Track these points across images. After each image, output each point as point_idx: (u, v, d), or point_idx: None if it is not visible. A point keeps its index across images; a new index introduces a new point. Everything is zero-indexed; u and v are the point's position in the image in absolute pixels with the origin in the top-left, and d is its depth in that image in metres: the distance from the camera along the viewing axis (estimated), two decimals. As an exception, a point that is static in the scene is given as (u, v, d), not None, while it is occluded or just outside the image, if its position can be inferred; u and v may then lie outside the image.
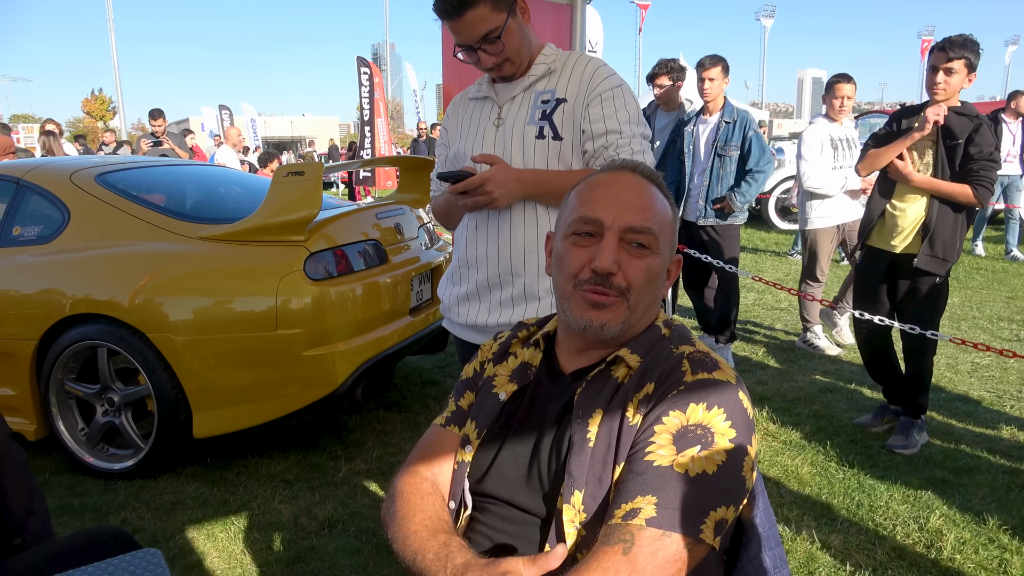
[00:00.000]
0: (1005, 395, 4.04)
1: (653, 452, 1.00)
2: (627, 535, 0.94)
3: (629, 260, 1.11)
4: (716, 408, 1.02)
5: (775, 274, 7.86)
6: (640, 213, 1.12)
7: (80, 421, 3.28)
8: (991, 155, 3.08)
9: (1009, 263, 8.23)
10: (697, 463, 0.98)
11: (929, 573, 2.39)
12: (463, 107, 2.00)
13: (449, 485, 1.21)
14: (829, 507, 2.82)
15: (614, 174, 1.19)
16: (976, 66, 3.11)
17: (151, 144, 8.30)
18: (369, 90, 17.73)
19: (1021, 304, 6.27)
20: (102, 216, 3.26)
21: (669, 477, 0.97)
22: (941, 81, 3.12)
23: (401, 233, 3.67)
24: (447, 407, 1.32)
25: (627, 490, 0.99)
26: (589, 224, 1.13)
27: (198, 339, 2.96)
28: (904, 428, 3.38)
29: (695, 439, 1.00)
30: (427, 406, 3.98)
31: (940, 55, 3.11)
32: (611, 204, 1.13)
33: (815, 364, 4.65)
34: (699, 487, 0.98)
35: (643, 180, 1.17)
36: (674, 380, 1.06)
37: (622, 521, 0.96)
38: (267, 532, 2.69)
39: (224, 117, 26.11)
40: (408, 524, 1.10)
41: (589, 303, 1.12)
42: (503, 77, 1.86)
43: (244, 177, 4.44)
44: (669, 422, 1.02)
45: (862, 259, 3.53)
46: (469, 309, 1.95)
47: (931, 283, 3.24)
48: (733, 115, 4.50)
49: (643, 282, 1.12)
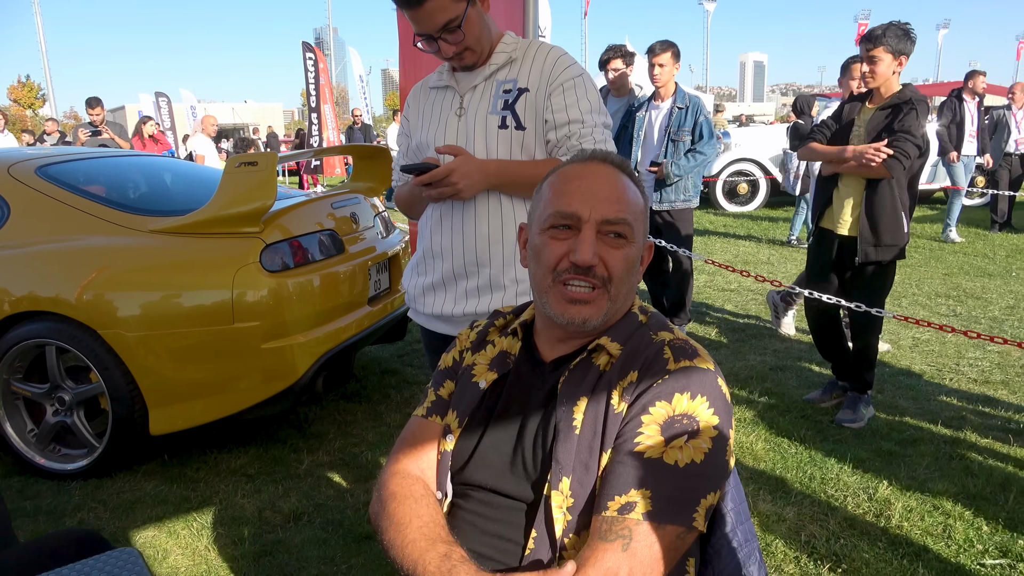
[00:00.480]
0: (944, 368, 4.23)
1: (642, 442, 1.03)
2: (625, 530, 0.97)
3: (608, 251, 1.14)
4: (700, 396, 1.05)
5: (724, 256, 8.03)
6: (615, 205, 1.14)
7: (29, 422, 3.18)
8: (908, 130, 3.18)
9: (944, 242, 8.56)
10: (686, 453, 1.02)
11: (879, 541, 2.50)
12: (424, 96, 1.99)
13: (435, 476, 1.22)
14: (783, 481, 2.92)
15: (586, 166, 1.20)
16: (903, 51, 3.21)
17: (89, 134, 7.99)
18: (315, 76, 17.43)
19: (957, 280, 6.54)
20: (45, 210, 3.15)
21: (661, 469, 1.00)
22: (869, 70, 3.27)
23: (357, 222, 3.65)
24: (426, 397, 1.32)
25: (619, 481, 1.01)
26: (566, 218, 1.15)
27: (153, 334, 2.90)
28: (852, 403, 3.51)
29: (682, 429, 1.03)
30: (387, 395, 3.97)
31: (863, 46, 3.26)
32: (586, 197, 1.14)
33: (766, 344, 4.79)
34: (689, 477, 1.01)
35: (615, 171, 1.19)
36: (657, 368, 1.08)
37: (618, 515, 0.98)
38: (231, 527, 2.66)
39: (162, 104, 25.35)
40: (405, 531, 1.10)
41: (568, 299, 1.14)
42: (464, 67, 1.86)
43: (193, 168, 4.34)
44: (656, 412, 1.04)
45: (813, 239, 3.66)
46: (435, 299, 1.95)
47: (877, 265, 3.37)
48: (685, 101, 4.57)
49: (623, 271, 1.15)
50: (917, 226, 9.71)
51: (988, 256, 7.68)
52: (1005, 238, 8.68)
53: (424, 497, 1.16)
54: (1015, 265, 7.17)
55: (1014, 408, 3.62)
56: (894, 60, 3.22)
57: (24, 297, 3.00)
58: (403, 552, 1.07)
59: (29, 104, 48.97)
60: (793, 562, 2.38)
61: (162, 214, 3.16)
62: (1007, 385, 3.94)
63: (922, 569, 2.33)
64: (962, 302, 5.76)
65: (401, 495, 1.16)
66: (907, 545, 2.46)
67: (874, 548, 2.45)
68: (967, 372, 4.15)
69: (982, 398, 3.77)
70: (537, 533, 1.06)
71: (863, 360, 3.51)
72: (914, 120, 3.19)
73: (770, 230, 9.75)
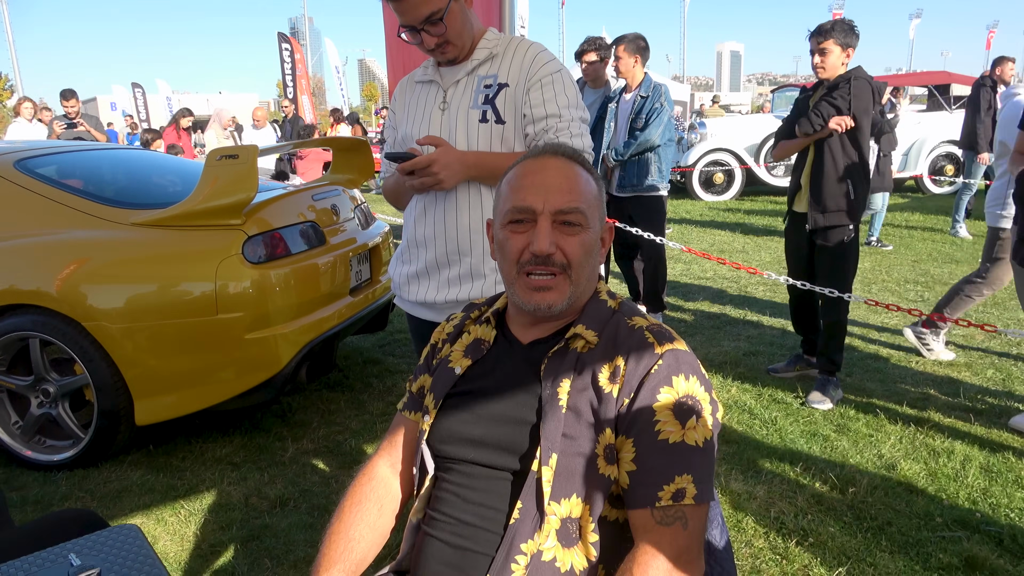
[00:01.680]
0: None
1: (663, 430, 1.11)
2: (680, 513, 1.09)
3: (564, 239, 1.21)
4: (692, 377, 1.15)
5: (700, 244, 8.15)
6: (567, 195, 1.22)
7: (14, 414, 3.20)
8: (831, 96, 3.43)
9: (914, 230, 8.74)
10: (699, 432, 1.12)
11: (844, 516, 2.61)
12: (409, 90, 2.06)
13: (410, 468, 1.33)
14: (754, 461, 3.03)
15: (538, 160, 1.27)
16: (849, 43, 3.45)
17: (65, 126, 7.91)
18: (291, 67, 17.31)
19: (925, 267, 6.71)
20: (25, 204, 3.16)
21: (691, 453, 1.11)
22: (818, 61, 3.50)
23: (337, 214, 3.69)
24: (406, 392, 1.41)
25: (662, 473, 1.10)
26: (523, 212, 1.22)
27: (137, 326, 2.94)
28: (821, 385, 3.63)
29: (689, 410, 1.12)
30: (370, 384, 4.03)
31: (813, 40, 3.50)
32: (540, 190, 1.22)
33: (739, 330, 4.90)
34: (708, 454, 1.12)
35: (566, 162, 1.26)
36: (645, 353, 1.16)
37: (672, 503, 1.09)
38: (218, 514, 2.72)
39: (137, 95, 25.03)
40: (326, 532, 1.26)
41: (533, 288, 1.22)
42: (447, 60, 1.93)
43: (172, 161, 4.36)
44: (664, 399, 1.13)
45: (787, 223, 3.86)
46: (419, 287, 2.03)
47: (837, 241, 3.55)
48: (648, 90, 4.65)
49: (581, 255, 1.22)
50: (888, 214, 9.89)
51: (956, 243, 7.86)
52: (973, 225, 8.88)
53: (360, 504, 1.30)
54: (982, 252, 7.35)
55: (976, 389, 3.76)
56: (842, 52, 3.45)
57: (6, 290, 3.02)
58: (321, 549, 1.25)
59: (-4, 96, 48.02)
60: (763, 537, 2.48)
61: (144, 207, 3.18)
62: (970, 367, 4.08)
63: (885, 541, 2.45)
64: (930, 288, 5.91)
65: (350, 493, 1.32)
66: (871, 519, 2.58)
67: (840, 522, 2.56)
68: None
69: (947, 380, 3.91)
70: (523, 504, 1.13)
71: (832, 339, 3.66)
72: (843, 91, 3.42)
73: (745, 219, 9.89)
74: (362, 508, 1.29)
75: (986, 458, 3.00)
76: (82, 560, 1.12)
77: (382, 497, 1.32)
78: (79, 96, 8.41)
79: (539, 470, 1.13)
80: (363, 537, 1.26)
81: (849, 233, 3.53)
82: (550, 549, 1.12)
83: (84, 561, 1.11)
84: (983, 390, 3.75)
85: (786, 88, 14.25)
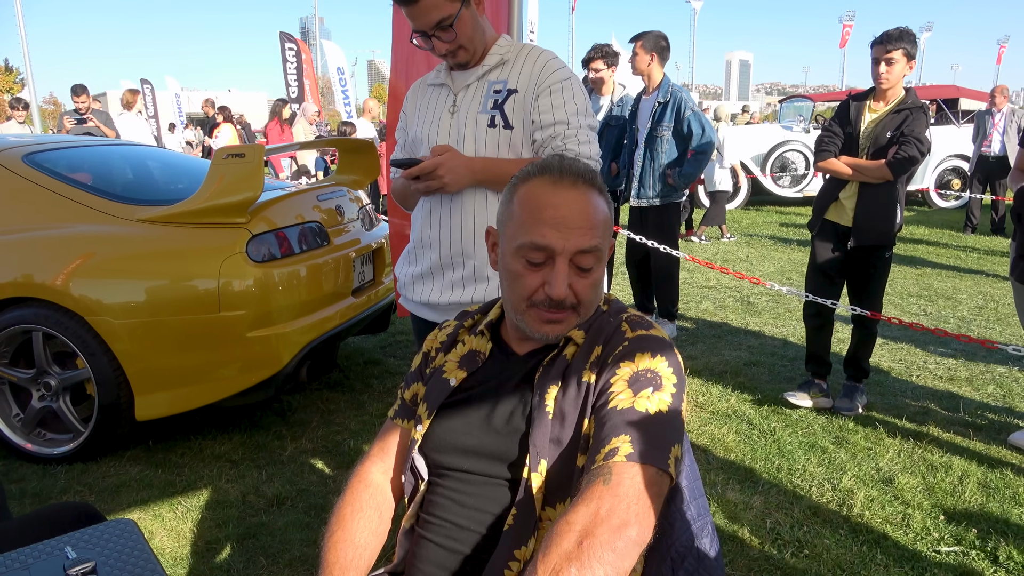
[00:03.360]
0: (912, 365, 4.36)
1: (614, 398, 1.11)
2: (606, 470, 1.03)
3: (578, 280, 1.21)
4: (659, 356, 1.14)
5: (704, 253, 8.15)
6: (587, 233, 1.20)
7: (15, 407, 3.22)
8: (916, 135, 3.31)
9: (918, 243, 8.73)
10: (653, 402, 1.09)
11: (840, 528, 2.61)
12: (421, 93, 2.09)
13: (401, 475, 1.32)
14: (752, 471, 3.03)
15: (557, 190, 1.21)
16: (914, 55, 3.36)
17: (74, 122, 7.95)
18: (296, 67, 17.32)
19: (928, 280, 6.70)
20: (32, 198, 3.18)
21: (634, 415, 1.08)
22: (884, 71, 3.36)
23: (342, 215, 3.71)
24: (397, 399, 1.41)
25: (602, 436, 1.08)
26: (540, 250, 1.20)
27: (140, 322, 2.95)
28: (849, 392, 3.68)
29: (647, 382, 1.11)
30: (370, 385, 4.04)
31: (880, 48, 3.35)
32: (560, 228, 1.18)
33: (741, 339, 4.90)
34: (660, 423, 1.08)
35: (585, 191, 1.22)
36: (617, 338, 1.18)
37: (604, 462, 1.04)
38: (215, 511, 2.73)
39: (146, 91, 25.10)
40: (330, 539, 1.25)
41: (544, 320, 1.23)
42: (458, 64, 1.95)
43: (180, 158, 4.38)
44: (621, 372, 1.13)
45: (818, 231, 3.70)
46: (423, 288, 2.05)
47: (878, 261, 3.52)
48: (667, 95, 4.58)
49: (591, 294, 1.24)
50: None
51: (960, 257, 7.86)
52: (977, 239, 8.88)
53: (361, 511, 1.29)
54: (986, 267, 7.34)
55: (976, 405, 3.76)
56: (907, 63, 3.35)
57: (11, 283, 3.04)
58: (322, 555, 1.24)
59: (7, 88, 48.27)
60: (758, 548, 2.48)
61: (150, 203, 3.21)
62: (971, 383, 4.07)
63: (880, 555, 2.44)
64: (932, 301, 5.91)
65: (348, 498, 1.30)
66: (867, 533, 2.58)
67: (836, 535, 2.56)
68: (934, 369, 4.29)
69: (947, 395, 3.90)
70: (517, 511, 1.14)
71: (862, 348, 3.68)
72: (922, 126, 3.33)
73: (750, 228, 9.88)
74: (364, 515, 1.29)
75: (984, 474, 3.00)
76: (78, 553, 1.12)
77: (380, 504, 1.32)
78: (89, 91, 8.45)
79: (529, 477, 1.13)
80: (368, 544, 1.26)
81: (889, 251, 3.54)
82: None
83: (80, 554, 1.12)
84: (983, 406, 3.75)
85: (794, 98, 14.25)
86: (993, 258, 7.79)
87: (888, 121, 3.41)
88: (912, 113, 3.35)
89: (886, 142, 3.37)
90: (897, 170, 3.34)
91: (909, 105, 3.38)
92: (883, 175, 3.37)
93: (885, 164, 3.35)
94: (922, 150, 3.31)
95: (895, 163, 3.32)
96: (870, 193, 3.45)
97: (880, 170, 3.37)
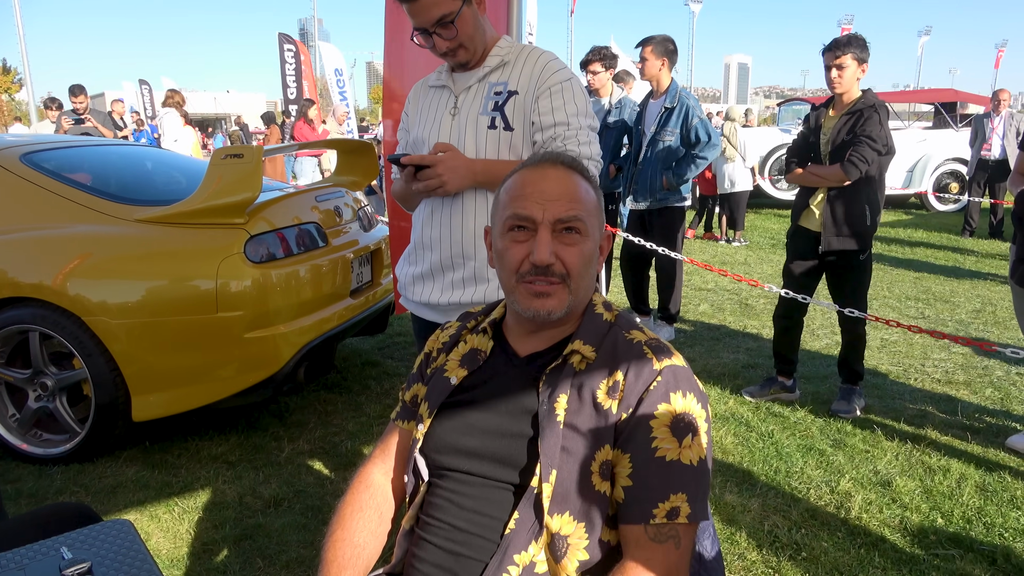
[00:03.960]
0: (910, 368, 4.36)
1: (660, 447, 1.12)
2: (674, 532, 1.09)
3: (564, 248, 1.21)
4: (690, 394, 1.15)
5: (703, 255, 8.16)
6: (567, 203, 1.21)
7: (11, 407, 3.21)
8: (868, 135, 3.37)
9: (916, 246, 8.74)
10: (695, 451, 1.12)
11: (838, 531, 2.61)
12: (424, 93, 2.09)
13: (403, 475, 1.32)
14: (750, 473, 3.03)
15: (537, 168, 1.26)
16: (864, 59, 3.42)
17: (72, 122, 7.93)
18: (295, 68, 17.29)
19: (927, 284, 6.71)
20: (30, 197, 3.18)
21: (686, 472, 1.11)
22: (836, 76, 3.45)
23: (340, 216, 3.70)
24: (399, 400, 1.41)
25: (657, 490, 1.10)
26: (522, 220, 1.22)
27: (137, 322, 2.94)
28: (846, 395, 3.70)
29: (686, 428, 1.13)
30: (367, 386, 4.03)
31: (830, 55, 3.45)
32: (539, 199, 1.21)
33: (739, 342, 4.90)
34: (704, 474, 1.12)
35: (565, 170, 1.26)
36: (644, 369, 1.16)
37: (667, 520, 1.09)
38: (212, 512, 2.72)
39: (144, 92, 25.10)
40: (329, 538, 1.26)
41: (533, 294, 1.21)
42: (459, 64, 1.94)
43: (177, 158, 4.37)
44: (661, 415, 1.13)
45: (791, 237, 3.80)
46: (423, 288, 2.05)
47: (853, 262, 3.55)
48: (674, 101, 4.59)
49: (580, 265, 1.22)
50: (891, 230, 9.91)
51: (959, 260, 7.86)
52: (976, 243, 8.89)
53: (361, 512, 1.30)
54: (984, 270, 7.35)
55: (975, 408, 3.76)
56: (858, 67, 3.42)
57: (8, 283, 3.03)
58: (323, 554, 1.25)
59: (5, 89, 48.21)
60: (756, 550, 2.48)
61: (148, 203, 3.20)
62: (969, 385, 4.07)
63: (878, 558, 2.44)
64: (931, 304, 5.91)
65: (348, 498, 1.31)
66: (865, 535, 2.57)
67: (833, 538, 2.56)
68: (932, 372, 4.29)
69: (945, 398, 3.90)
70: (520, 516, 1.13)
71: (852, 351, 3.70)
72: (875, 125, 3.38)
73: (748, 232, 9.89)
74: (364, 515, 1.29)
75: (982, 477, 3.00)
76: (74, 554, 1.12)
77: (380, 504, 1.32)
78: (87, 92, 8.44)
79: (539, 486, 1.13)
80: (367, 544, 1.26)
81: (865, 253, 3.55)
82: (542, 562, 1.13)
83: (76, 555, 1.12)
84: (981, 409, 3.75)
85: (793, 102, 14.29)
86: (991, 261, 7.80)
87: (843, 124, 3.49)
88: (864, 113, 3.42)
89: (843, 145, 3.45)
90: (851, 171, 3.40)
91: (862, 106, 3.45)
92: (840, 178, 3.44)
93: (840, 167, 3.42)
94: (876, 148, 3.37)
95: (848, 164, 3.39)
96: (836, 198, 3.51)
97: (836, 173, 3.45)
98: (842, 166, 3.40)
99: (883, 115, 3.41)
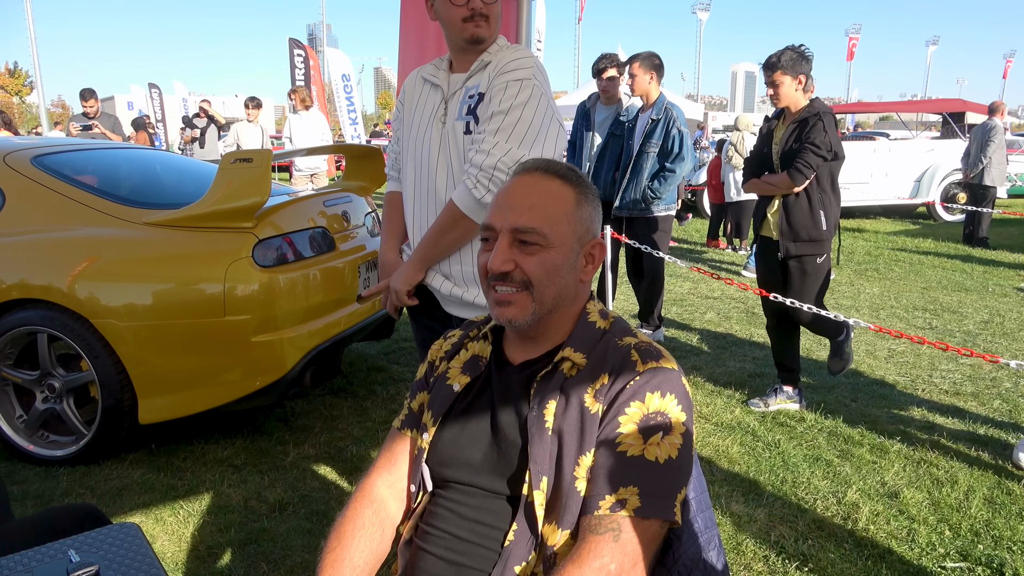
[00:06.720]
0: (918, 379, 4.34)
1: (623, 441, 1.10)
2: (614, 524, 1.06)
3: (523, 257, 1.19)
4: (669, 394, 1.13)
5: (708, 264, 8.13)
6: (525, 213, 1.19)
7: (18, 408, 3.22)
8: (812, 141, 3.46)
9: (924, 256, 8.70)
10: (663, 449, 1.10)
11: (845, 542, 2.59)
12: (419, 86, 2.09)
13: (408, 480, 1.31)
14: (756, 483, 3.01)
15: (516, 177, 1.27)
16: (800, 71, 3.52)
17: (80, 128, 7.96)
18: (304, 73, 17.37)
19: (935, 294, 6.68)
20: (40, 200, 3.19)
21: (644, 466, 1.09)
22: (772, 94, 3.61)
23: (348, 220, 3.71)
24: (403, 409, 1.40)
25: (608, 481, 1.09)
26: (486, 230, 1.24)
27: (145, 325, 2.95)
28: (835, 350, 3.79)
29: (656, 427, 1.11)
30: (373, 391, 4.03)
31: (765, 74, 3.61)
32: (501, 208, 1.22)
33: (745, 351, 4.89)
34: (668, 473, 1.09)
35: (540, 177, 1.24)
36: (627, 370, 1.15)
37: (609, 512, 1.07)
38: (217, 515, 2.72)
39: (154, 96, 25.20)
40: (328, 555, 1.22)
41: (496, 302, 1.22)
42: (472, 39, 1.90)
43: (186, 162, 4.39)
44: (632, 412, 1.12)
45: (756, 247, 3.98)
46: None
47: (808, 267, 3.65)
48: (660, 113, 4.65)
49: (541, 274, 1.19)
50: (898, 239, 9.89)
51: (966, 271, 7.83)
52: (983, 253, 8.84)
53: (363, 529, 1.25)
54: (992, 280, 7.32)
55: (982, 419, 3.73)
56: (793, 80, 3.52)
57: (17, 284, 3.04)
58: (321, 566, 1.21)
59: (16, 91, 48.55)
60: (762, 560, 2.47)
61: (157, 207, 3.21)
62: (977, 397, 4.05)
63: (885, 570, 2.42)
64: (938, 315, 5.89)
65: (349, 514, 1.27)
66: (872, 547, 2.56)
67: (840, 549, 2.54)
68: (939, 383, 4.27)
69: (952, 409, 3.88)
70: (518, 527, 1.13)
71: (821, 325, 3.72)
72: (819, 132, 3.47)
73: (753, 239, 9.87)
74: (365, 534, 1.25)
75: (990, 489, 2.98)
76: (81, 557, 1.12)
77: (383, 521, 1.29)
78: (98, 95, 8.47)
79: (530, 494, 1.13)
80: (367, 563, 1.24)
81: (821, 258, 3.65)
82: (541, 573, 1.12)
83: (83, 558, 1.12)
84: (989, 421, 3.73)
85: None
86: (1000, 271, 7.77)
87: (790, 133, 3.60)
88: (810, 121, 3.52)
89: (791, 152, 3.55)
90: (797, 178, 3.51)
91: (807, 114, 3.55)
92: (788, 185, 3.56)
93: (787, 174, 3.53)
94: (821, 154, 3.46)
95: (794, 171, 3.51)
96: (789, 206, 3.62)
97: (784, 181, 3.56)
98: (789, 173, 3.52)
99: (828, 122, 3.50)
